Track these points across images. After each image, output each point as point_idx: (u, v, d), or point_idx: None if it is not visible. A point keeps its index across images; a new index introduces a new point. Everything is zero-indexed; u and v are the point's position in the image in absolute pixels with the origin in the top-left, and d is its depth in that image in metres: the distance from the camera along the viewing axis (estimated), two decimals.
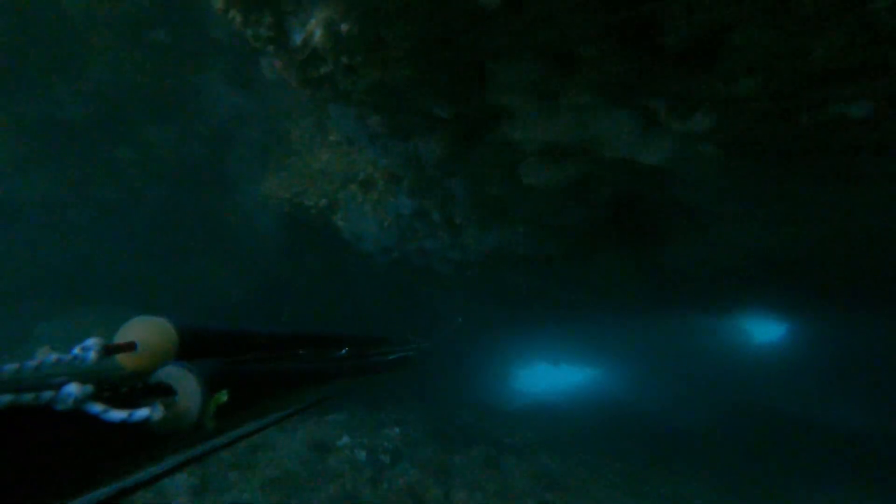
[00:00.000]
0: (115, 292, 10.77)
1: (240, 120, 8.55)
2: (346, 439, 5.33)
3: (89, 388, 0.90)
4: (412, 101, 2.96)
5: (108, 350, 1.10)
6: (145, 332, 1.24)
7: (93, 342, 1.05)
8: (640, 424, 11.53)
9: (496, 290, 9.29)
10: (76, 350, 1.03)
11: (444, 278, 8.84)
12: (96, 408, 0.90)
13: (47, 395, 0.84)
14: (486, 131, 3.39)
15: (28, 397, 0.81)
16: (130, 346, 1.18)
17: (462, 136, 3.42)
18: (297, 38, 2.66)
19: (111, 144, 8.88)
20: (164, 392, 1.09)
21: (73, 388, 0.87)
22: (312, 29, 2.53)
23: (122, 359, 1.20)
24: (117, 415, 0.92)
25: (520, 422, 9.21)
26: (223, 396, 1.14)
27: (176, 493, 4.03)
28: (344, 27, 2.44)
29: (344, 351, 2.37)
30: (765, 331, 22.44)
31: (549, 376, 30.69)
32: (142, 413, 0.95)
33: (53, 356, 0.99)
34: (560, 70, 2.69)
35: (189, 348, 1.29)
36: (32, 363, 0.94)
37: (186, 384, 1.10)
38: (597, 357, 24.66)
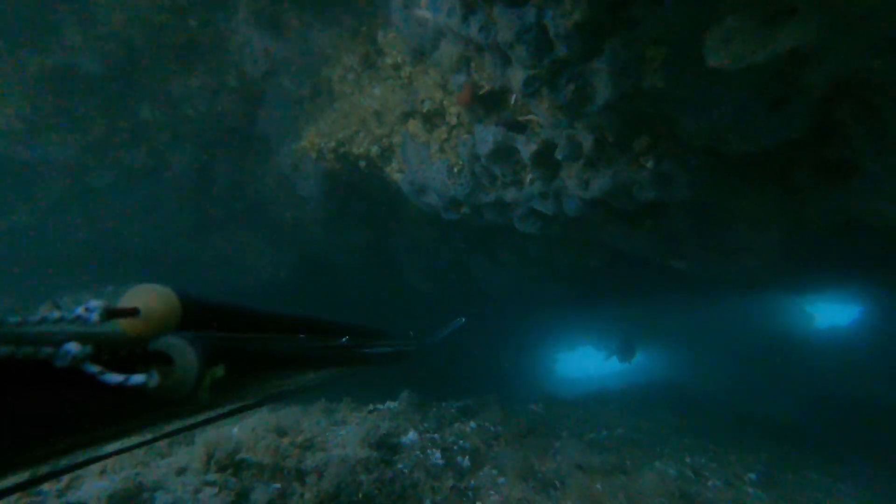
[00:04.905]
0: (142, 266, 9.98)
1: (273, 68, 7.46)
2: (412, 436, 4.27)
3: (89, 348, 0.91)
4: None
5: (111, 313, 1.08)
6: (149, 299, 1.20)
7: (96, 304, 1.04)
8: (718, 410, 10.37)
9: (568, 266, 8.08)
10: (80, 310, 1.01)
11: (510, 253, 7.67)
12: (94, 368, 0.91)
13: (46, 350, 0.85)
14: None
15: (27, 350, 0.81)
16: (133, 312, 1.16)
17: None
18: None
19: (133, 101, 7.94)
20: (163, 360, 1.09)
21: (73, 347, 0.88)
22: None
23: (125, 324, 1.18)
24: (114, 378, 0.93)
25: (591, 413, 8.04)
26: (220, 371, 1.14)
27: None
28: None
29: (344, 340, 2.37)
30: (831, 314, 21.66)
31: (592, 360, 29.34)
32: (138, 379, 0.96)
33: (56, 313, 0.96)
34: None
35: (191, 320, 1.26)
36: (35, 318, 0.92)
37: (184, 355, 1.09)
38: (647, 340, 23.48)
